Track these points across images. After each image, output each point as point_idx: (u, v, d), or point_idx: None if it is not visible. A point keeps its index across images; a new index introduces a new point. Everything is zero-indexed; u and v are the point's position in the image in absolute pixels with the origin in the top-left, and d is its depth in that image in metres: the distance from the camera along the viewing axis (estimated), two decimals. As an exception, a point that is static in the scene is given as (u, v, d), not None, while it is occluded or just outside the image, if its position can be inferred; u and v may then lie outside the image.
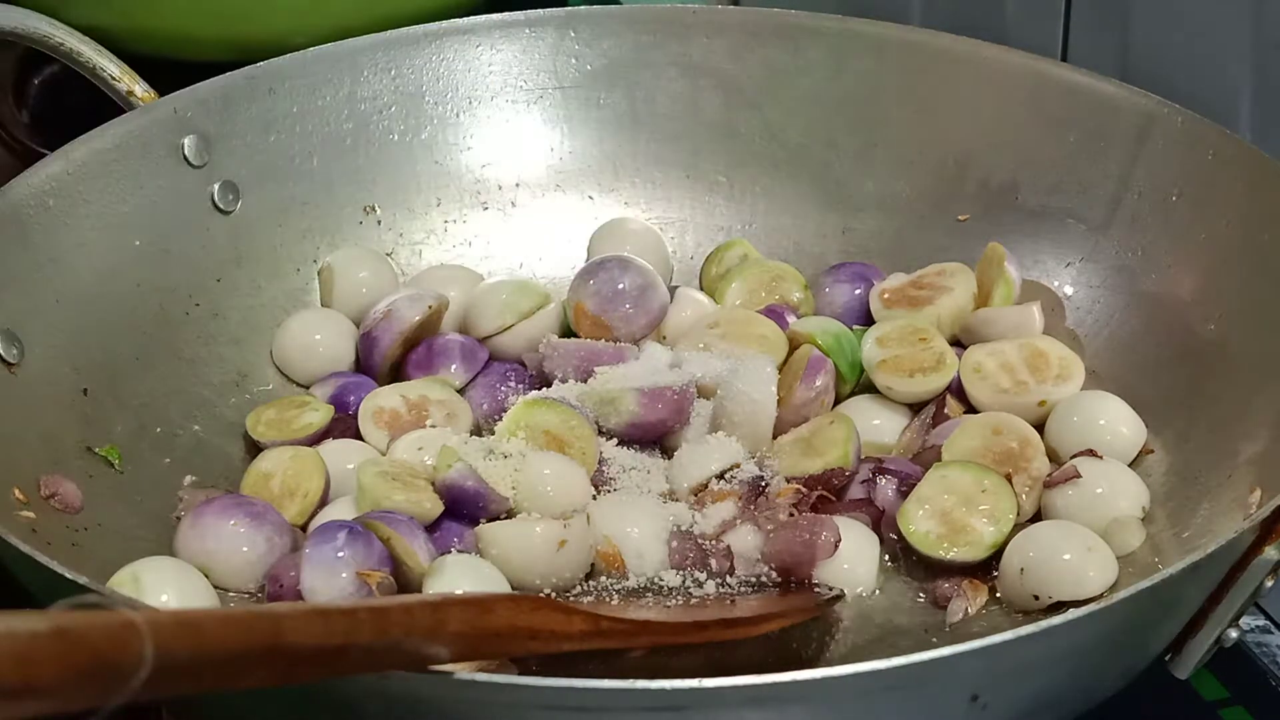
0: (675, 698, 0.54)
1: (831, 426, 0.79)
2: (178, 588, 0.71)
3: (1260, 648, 0.79)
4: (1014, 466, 0.77)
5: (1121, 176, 0.89)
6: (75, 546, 0.72)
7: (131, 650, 0.39)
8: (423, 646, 0.53)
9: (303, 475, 0.79)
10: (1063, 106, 0.92)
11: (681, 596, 0.72)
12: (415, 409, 0.83)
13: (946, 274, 0.89)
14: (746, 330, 0.86)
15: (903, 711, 0.59)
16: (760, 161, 0.99)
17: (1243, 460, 0.75)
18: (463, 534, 0.75)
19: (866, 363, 0.84)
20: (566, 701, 0.55)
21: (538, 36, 0.99)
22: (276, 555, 0.75)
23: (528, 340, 0.88)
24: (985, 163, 0.94)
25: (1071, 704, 0.66)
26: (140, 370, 0.83)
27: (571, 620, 0.59)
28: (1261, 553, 0.63)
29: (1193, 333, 0.83)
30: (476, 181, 0.98)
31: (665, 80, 0.99)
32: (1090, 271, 0.90)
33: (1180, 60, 0.99)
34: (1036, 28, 1.08)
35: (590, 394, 0.81)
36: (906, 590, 0.75)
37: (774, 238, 0.97)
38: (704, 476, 0.78)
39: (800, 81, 0.98)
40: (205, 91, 0.91)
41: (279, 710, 0.59)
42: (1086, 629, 0.59)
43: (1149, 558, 0.74)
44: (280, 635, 0.46)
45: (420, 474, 0.76)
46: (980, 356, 0.84)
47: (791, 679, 0.54)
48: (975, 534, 0.74)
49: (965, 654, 0.56)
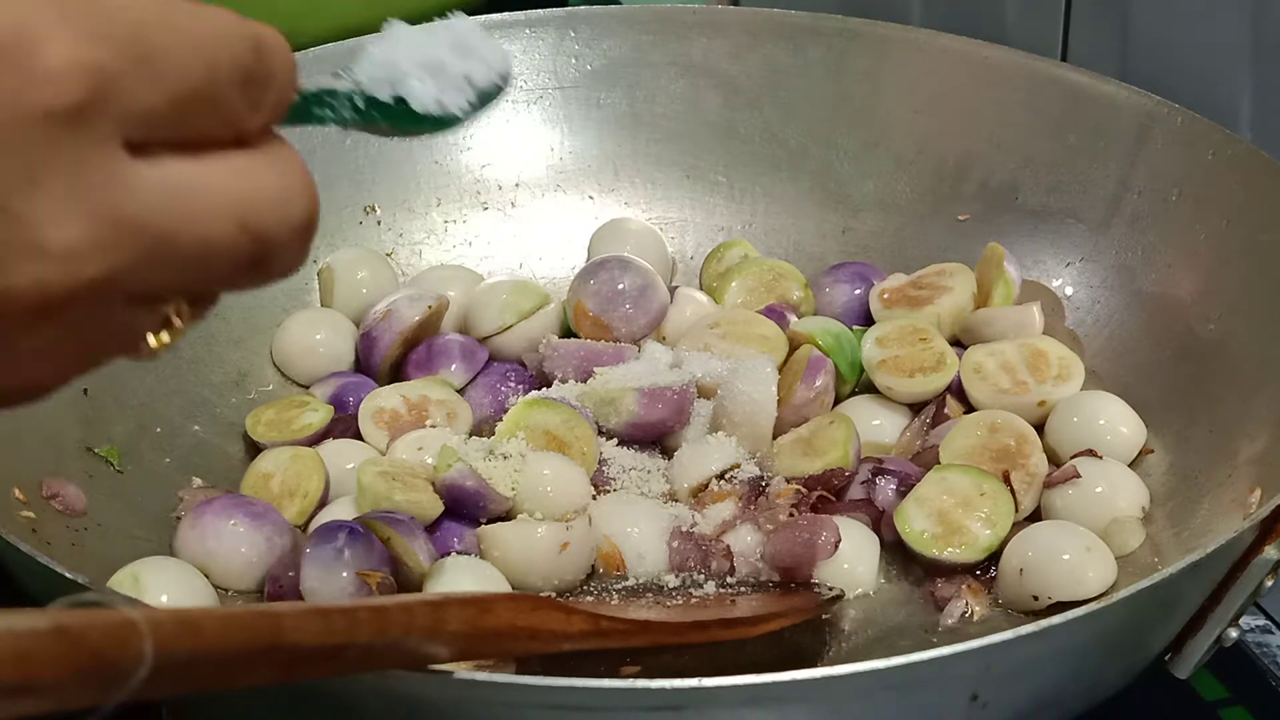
0: (675, 697, 0.54)
1: (831, 426, 0.79)
2: (178, 588, 0.71)
3: (1260, 648, 0.79)
4: (1011, 464, 0.77)
5: (1121, 176, 0.89)
6: (75, 546, 0.72)
7: (131, 649, 0.39)
8: (423, 646, 0.53)
9: (303, 475, 0.79)
10: (1063, 106, 0.92)
11: (681, 596, 0.72)
12: (415, 409, 0.83)
13: (946, 274, 0.89)
14: (747, 330, 0.86)
15: (903, 711, 0.59)
16: (760, 161, 0.99)
17: (1243, 460, 0.75)
18: (463, 534, 0.75)
19: (866, 363, 0.84)
20: (566, 701, 0.55)
21: (538, 36, 0.99)
22: (276, 555, 0.75)
23: (528, 340, 0.88)
24: (985, 163, 0.94)
25: (1071, 704, 0.66)
26: (140, 370, 0.83)
27: (571, 620, 0.59)
28: (1261, 552, 0.63)
29: (1193, 333, 0.83)
30: (476, 181, 0.98)
31: (665, 80, 0.99)
32: (1090, 271, 0.90)
33: (1180, 60, 0.99)
34: (1036, 28, 1.08)
35: (590, 394, 0.81)
36: (906, 590, 0.75)
37: (774, 238, 0.97)
38: (704, 477, 0.78)
39: (800, 81, 0.98)
40: (205, 91, 0.91)
41: (279, 710, 0.59)
42: (1086, 629, 0.59)
43: (1149, 558, 0.74)
44: (280, 634, 0.46)
45: (420, 474, 0.76)
46: (980, 356, 0.84)
47: (791, 679, 0.54)
48: (971, 535, 0.74)
49: (965, 654, 0.56)
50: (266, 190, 0.40)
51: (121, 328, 0.40)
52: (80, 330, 0.38)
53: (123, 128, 0.37)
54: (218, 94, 0.39)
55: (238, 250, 0.40)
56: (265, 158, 0.41)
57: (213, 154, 0.40)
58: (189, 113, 0.39)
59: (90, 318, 0.38)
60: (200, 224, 0.39)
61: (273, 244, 0.40)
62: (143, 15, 0.38)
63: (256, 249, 0.40)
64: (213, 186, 0.39)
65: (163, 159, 0.38)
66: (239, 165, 0.40)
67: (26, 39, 0.36)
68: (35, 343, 0.38)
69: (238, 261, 0.40)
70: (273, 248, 0.41)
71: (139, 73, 0.37)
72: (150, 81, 0.38)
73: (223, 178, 0.39)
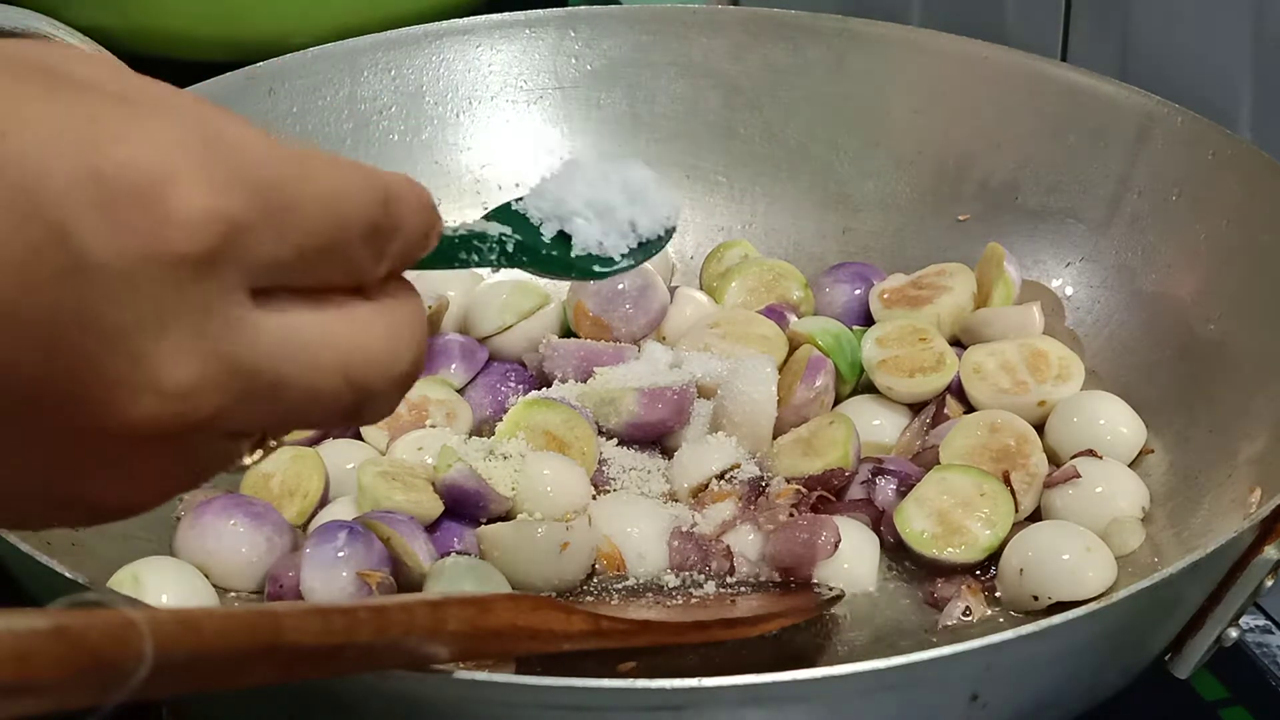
0: (675, 697, 0.54)
1: (831, 426, 0.79)
2: (178, 588, 0.71)
3: (1260, 648, 0.79)
4: (1011, 464, 0.77)
5: (1121, 176, 0.89)
6: (75, 546, 0.72)
7: (131, 649, 0.39)
8: (422, 646, 0.53)
9: (303, 475, 0.79)
10: (1063, 106, 0.92)
11: (681, 596, 0.72)
12: (415, 409, 0.83)
13: (946, 274, 0.89)
14: (746, 330, 0.86)
15: (903, 711, 0.59)
16: (760, 161, 0.99)
17: (1243, 460, 0.75)
18: (463, 534, 0.75)
19: (866, 363, 0.84)
20: (566, 701, 0.55)
21: (538, 36, 0.99)
22: (276, 555, 0.75)
23: (528, 340, 0.88)
24: (985, 163, 0.94)
25: (1071, 704, 0.66)
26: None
27: (571, 620, 0.59)
28: (1261, 552, 0.63)
29: (1193, 333, 0.83)
30: (476, 181, 0.98)
31: (665, 80, 0.99)
32: (1090, 271, 0.90)
33: (1180, 60, 0.99)
34: (1036, 28, 1.08)
35: (590, 394, 0.81)
36: (906, 590, 0.75)
37: (774, 238, 0.97)
38: (704, 477, 0.78)
39: (800, 81, 0.98)
40: (205, 91, 0.91)
41: (279, 710, 0.59)
42: (1086, 629, 0.59)
43: (1149, 558, 0.74)
44: (280, 634, 0.46)
45: (420, 474, 0.76)
46: (980, 356, 0.84)
47: (791, 679, 0.54)
48: (971, 536, 0.74)
49: (965, 654, 0.56)
50: (375, 344, 0.42)
51: (222, 454, 0.42)
52: (184, 457, 0.40)
53: (249, 275, 0.39)
54: (344, 248, 0.41)
55: (339, 400, 0.41)
56: (380, 309, 0.43)
57: (331, 302, 0.41)
58: (314, 264, 0.40)
59: (195, 446, 0.40)
60: (309, 375, 0.40)
61: (373, 396, 0.42)
62: (280, 169, 0.39)
63: (357, 399, 0.42)
64: (326, 339, 0.41)
65: (283, 306, 0.40)
66: (353, 316, 0.42)
67: (166, 182, 0.37)
68: (141, 468, 0.40)
69: (337, 409, 0.42)
70: (372, 398, 0.42)
71: (270, 225, 0.39)
72: (280, 234, 0.39)
73: (336, 330, 0.41)
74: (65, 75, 0.39)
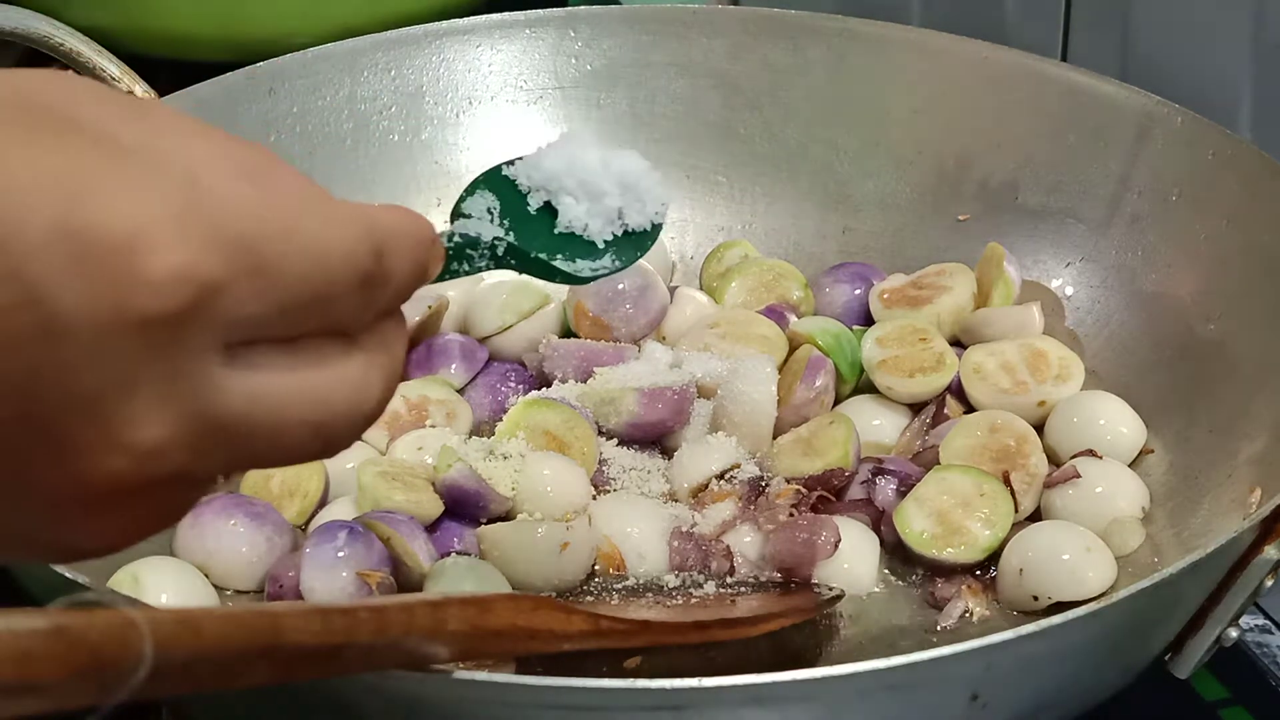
0: (675, 697, 0.54)
1: (831, 426, 0.79)
2: (177, 588, 0.71)
3: (1260, 648, 0.79)
4: (1011, 464, 0.77)
5: (1121, 176, 0.89)
6: (75, 546, 0.72)
7: (131, 649, 0.39)
8: (422, 646, 0.53)
9: (303, 475, 0.79)
10: (1063, 106, 0.92)
11: (681, 596, 0.72)
12: (415, 409, 0.83)
13: (946, 274, 0.89)
14: (746, 330, 0.86)
15: (903, 711, 0.59)
16: (760, 161, 0.99)
17: (1243, 460, 0.75)
18: (463, 534, 0.75)
19: (866, 363, 0.84)
20: (566, 701, 0.55)
21: (538, 36, 0.99)
22: (276, 555, 0.75)
23: (528, 340, 0.88)
24: (985, 163, 0.94)
25: (1071, 704, 0.66)
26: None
27: (571, 620, 0.59)
28: (1261, 552, 0.63)
29: (1193, 333, 0.83)
30: (476, 182, 0.98)
31: (665, 80, 0.99)
32: (1090, 271, 0.90)
33: (1180, 60, 0.99)
34: (1036, 28, 1.08)
35: (590, 394, 0.81)
36: (906, 590, 0.75)
37: (774, 238, 0.97)
38: (704, 477, 0.78)
39: (800, 81, 0.98)
40: (205, 91, 0.91)
41: (279, 710, 0.59)
42: (1086, 629, 0.59)
43: (1149, 558, 0.74)
44: (280, 634, 0.46)
45: (420, 474, 0.76)
46: (980, 356, 0.84)
47: (791, 679, 0.54)
48: (971, 536, 0.74)
49: (965, 654, 0.56)
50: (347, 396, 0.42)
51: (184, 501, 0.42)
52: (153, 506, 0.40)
53: (224, 333, 0.38)
54: (330, 302, 0.41)
55: (305, 448, 0.41)
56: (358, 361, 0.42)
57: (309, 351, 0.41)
58: (297, 319, 0.40)
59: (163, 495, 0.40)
60: (279, 430, 0.40)
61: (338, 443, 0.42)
62: (265, 226, 0.39)
63: (323, 446, 0.42)
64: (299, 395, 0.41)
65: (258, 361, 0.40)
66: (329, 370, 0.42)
67: (137, 241, 0.36)
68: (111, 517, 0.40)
69: (303, 455, 0.42)
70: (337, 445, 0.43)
71: (249, 283, 0.38)
72: (259, 293, 0.39)
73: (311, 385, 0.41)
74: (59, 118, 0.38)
